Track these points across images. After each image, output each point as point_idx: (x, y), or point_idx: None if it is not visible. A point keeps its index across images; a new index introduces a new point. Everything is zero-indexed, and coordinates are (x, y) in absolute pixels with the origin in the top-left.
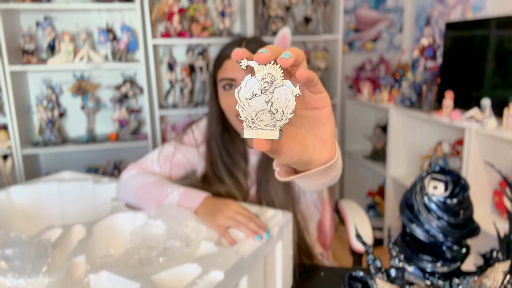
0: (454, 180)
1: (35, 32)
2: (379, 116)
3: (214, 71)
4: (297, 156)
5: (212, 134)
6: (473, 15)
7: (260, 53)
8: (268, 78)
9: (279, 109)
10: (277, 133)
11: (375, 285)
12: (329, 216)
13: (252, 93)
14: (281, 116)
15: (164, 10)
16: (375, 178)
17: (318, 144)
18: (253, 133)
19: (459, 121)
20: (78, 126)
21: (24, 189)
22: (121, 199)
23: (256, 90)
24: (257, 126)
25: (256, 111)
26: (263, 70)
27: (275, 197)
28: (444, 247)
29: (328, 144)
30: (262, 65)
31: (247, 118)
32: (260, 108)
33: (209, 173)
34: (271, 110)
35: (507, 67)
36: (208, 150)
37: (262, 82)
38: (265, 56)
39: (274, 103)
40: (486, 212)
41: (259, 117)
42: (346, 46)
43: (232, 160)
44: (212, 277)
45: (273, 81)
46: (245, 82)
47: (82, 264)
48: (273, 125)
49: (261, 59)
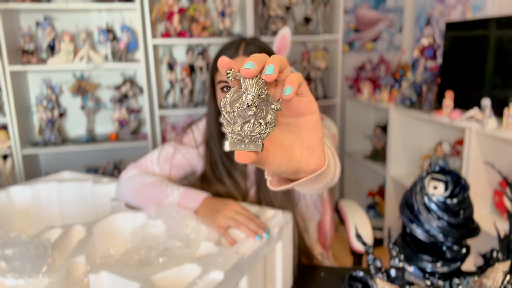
0: (454, 180)
1: (35, 32)
2: (379, 116)
3: (213, 72)
4: (284, 165)
5: (211, 135)
6: (473, 15)
7: (246, 69)
8: (253, 92)
9: (262, 122)
10: (259, 145)
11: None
12: (329, 216)
13: (236, 106)
14: (264, 129)
15: (164, 10)
16: (375, 178)
17: (306, 152)
18: (236, 146)
19: (459, 121)
20: (78, 126)
21: (24, 189)
22: (121, 199)
23: (242, 102)
24: (241, 139)
25: (240, 124)
26: (249, 83)
27: (274, 199)
28: (444, 247)
29: (317, 152)
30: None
31: (233, 131)
32: (244, 121)
33: (209, 173)
34: (254, 123)
35: (507, 67)
36: (208, 150)
37: (249, 96)
38: (251, 72)
39: (257, 117)
40: (486, 212)
41: (243, 130)
42: (346, 46)
43: (230, 161)
44: (212, 277)
45: (260, 95)
46: (231, 95)
47: (82, 264)
48: (256, 138)
49: (247, 74)
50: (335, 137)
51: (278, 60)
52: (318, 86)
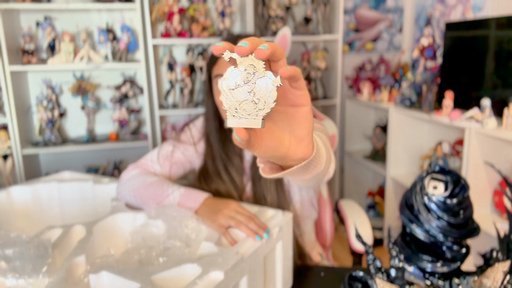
0: (454, 180)
1: (35, 32)
2: (379, 116)
3: (209, 67)
4: (272, 150)
5: (210, 129)
6: (473, 15)
7: (240, 46)
8: (250, 69)
9: (261, 98)
10: (259, 121)
11: (375, 285)
12: (329, 216)
13: (235, 84)
14: (263, 105)
15: (164, 10)
16: (375, 178)
17: (294, 141)
18: (236, 122)
19: (459, 121)
20: (78, 126)
21: (24, 189)
22: (121, 199)
23: (239, 81)
24: (240, 115)
25: (239, 101)
26: (245, 61)
27: (268, 194)
28: (444, 247)
29: (305, 142)
30: (244, 57)
31: (230, 108)
32: (243, 98)
33: (210, 168)
34: (253, 100)
35: (507, 67)
36: (208, 145)
37: (244, 73)
38: (245, 49)
39: (256, 93)
40: (486, 212)
41: (242, 106)
42: (346, 46)
43: (227, 156)
44: (212, 277)
45: (255, 72)
46: (228, 73)
47: (82, 264)
48: (256, 114)
49: (241, 51)
50: (335, 138)
51: (274, 44)
52: (318, 86)
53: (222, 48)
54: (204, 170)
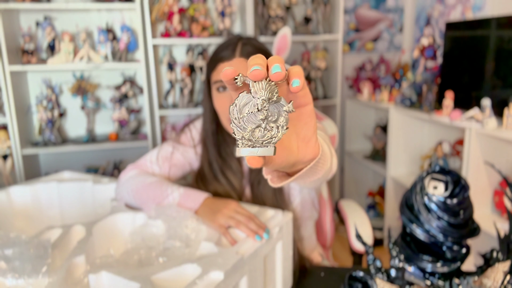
0: (454, 180)
1: (35, 32)
2: (379, 116)
3: (208, 72)
4: (283, 161)
5: (207, 133)
6: (473, 15)
7: (254, 70)
8: (264, 95)
9: (274, 125)
10: (272, 149)
11: (375, 285)
12: (329, 216)
13: (247, 111)
14: (276, 132)
15: (164, 10)
16: (375, 178)
17: (302, 144)
18: (249, 151)
19: (459, 121)
20: (78, 126)
21: (24, 189)
22: (120, 200)
23: (251, 107)
24: (252, 144)
25: (251, 129)
26: (258, 86)
27: (267, 197)
28: (444, 247)
29: (312, 141)
30: (257, 81)
31: (243, 137)
32: (255, 125)
33: (206, 171)
34: (266, 127)
35: (507, 67)
36: (205, 148)
37: (259, 100)
38: (260, 73)
39: (268, 120)
40: (486, 212)
41: (254, 134)
42: (346, 46)
43: (223, 160)
44: (212, 277)
45: (270, 98)
46: (240, 99)
47: (82, 264)
48: (268, 142)
49: (256, 77)
50: (335, 137)
51: (279, 58)
52: (318, 86)
53: (232, 73)
54: (201, 172)
